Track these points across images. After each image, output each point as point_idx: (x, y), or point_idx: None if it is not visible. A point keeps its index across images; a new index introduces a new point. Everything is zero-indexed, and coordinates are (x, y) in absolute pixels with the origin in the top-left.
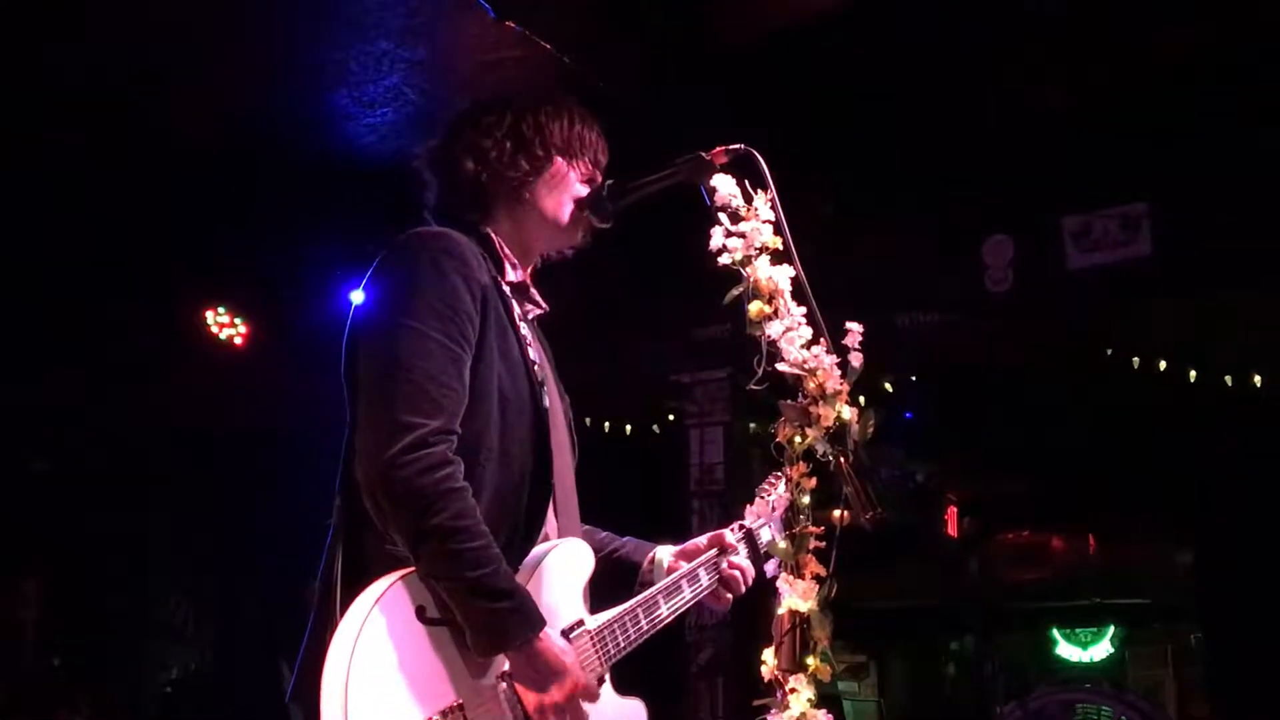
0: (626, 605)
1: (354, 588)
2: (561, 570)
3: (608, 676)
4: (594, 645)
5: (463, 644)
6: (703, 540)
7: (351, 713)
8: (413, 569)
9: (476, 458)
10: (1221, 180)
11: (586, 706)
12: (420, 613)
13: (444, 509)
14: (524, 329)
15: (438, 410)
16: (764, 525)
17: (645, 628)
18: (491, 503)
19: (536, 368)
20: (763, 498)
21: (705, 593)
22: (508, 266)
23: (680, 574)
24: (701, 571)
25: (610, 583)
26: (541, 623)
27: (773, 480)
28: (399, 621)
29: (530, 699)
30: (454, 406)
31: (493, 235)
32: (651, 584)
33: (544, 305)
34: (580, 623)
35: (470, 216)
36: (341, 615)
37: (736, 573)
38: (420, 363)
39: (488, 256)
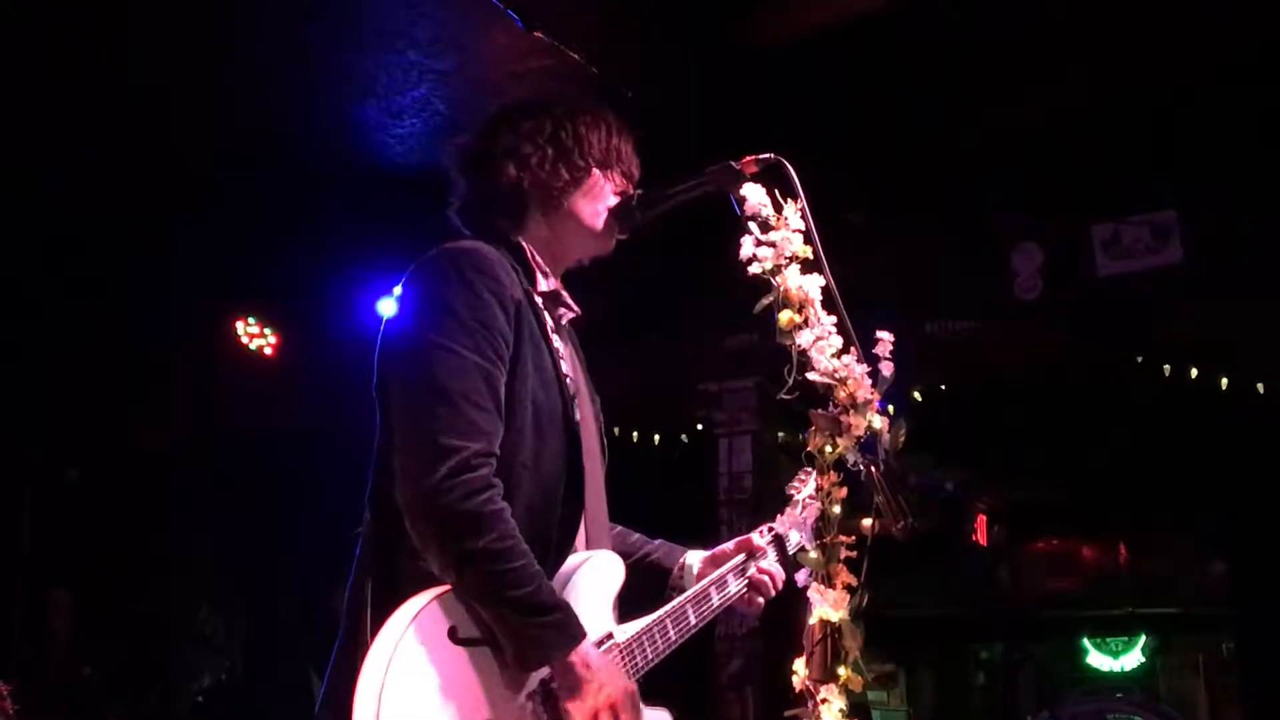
0: (655, 616)
1: (385, 606)
2: (592, 584)
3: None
4: (623, 658)
5: (492, 665)
6: (731, 545)
7: None
8: (445, 589)
9: (510, 472)
10: (1252, 187)
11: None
12: (453, 633)
13: (488, 532)
14: (556, 340)
15: (477, 432)
16: (792, 529)
17: (674, 638)
18: (525, 518)
19: (569, 380)
20: (792, 495)
21: (734, 599)
22: (539, 276)
23: (708, 581)
24: (730, 578)
25: (641, 587)
26: (583, 634)
27: (802, 478)
28: (432, 642)
29: (578, 709)
30: (491, 427)
31: (525, 245)
32: (682, 589)
33: (576, 309)
34: (609, 635)
35: (505, 223)
36: (373, 634)
37: (765, 578)
38: (456, 384)
39: (519, 267)
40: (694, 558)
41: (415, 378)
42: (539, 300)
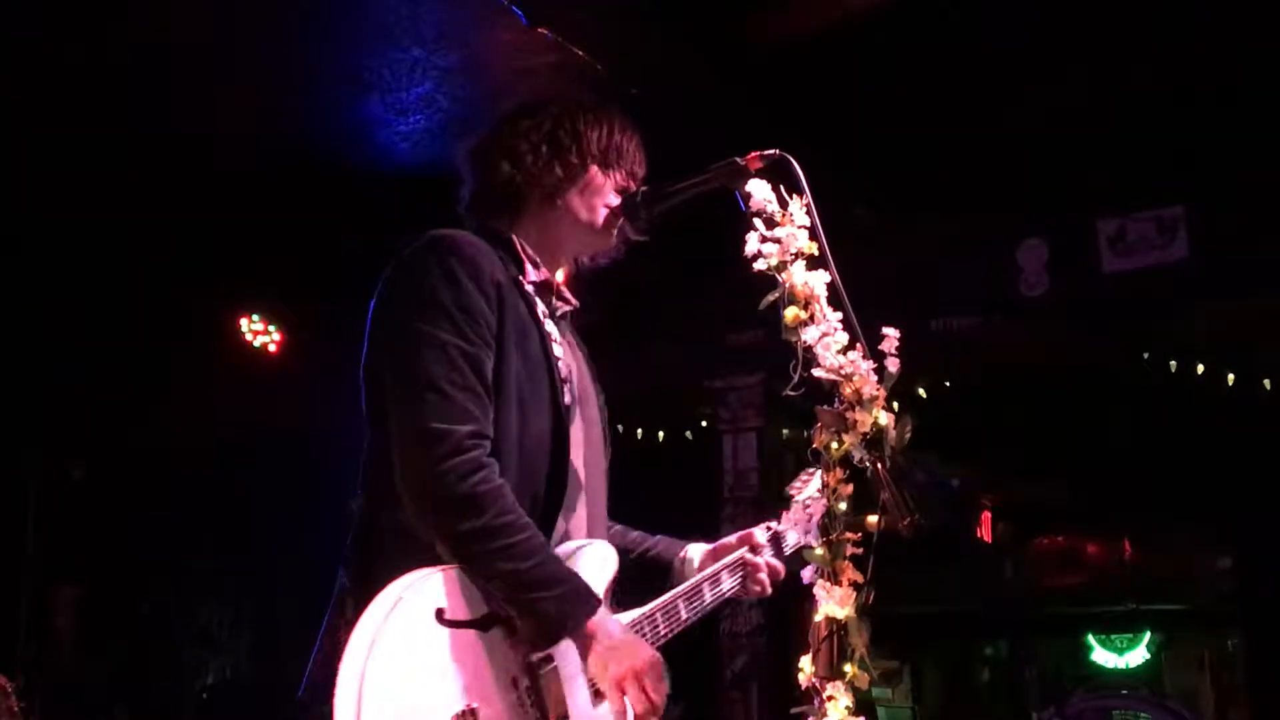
0: (647, 608)
1: (366, 588)
2: (588, 571)
3: None
4: None
5: (479, 647)
6: (734, 538)
7: (365, 714)
8: (431, 570)
9: (497, 455)
10: (1259, 183)
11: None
12: (439, 615)
13: (486, 509)
14: (550, 325)
15: (467, 416)
16: (792, 529)
17: (664, 631)
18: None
19: (560, 364)
20: (793, 495)
21: (728, 595)
22: (529, 267)
23: (703, 577)
24: (725, 574)
25: (642, 581)
26: (599, 601)
27: (804, 478)
28: (418, 624)
29: (602, 678)
30: (481, 410)
31: (514, 238)
32: (683, 581)
33: (574, 301)
34: None
35: (499, 218)
36: (355, 616)
37: (763, 574)
38: (442, 371)
39: (507, 256)
40: (695, 550)
41: (404, 368)
42: (528, 287)
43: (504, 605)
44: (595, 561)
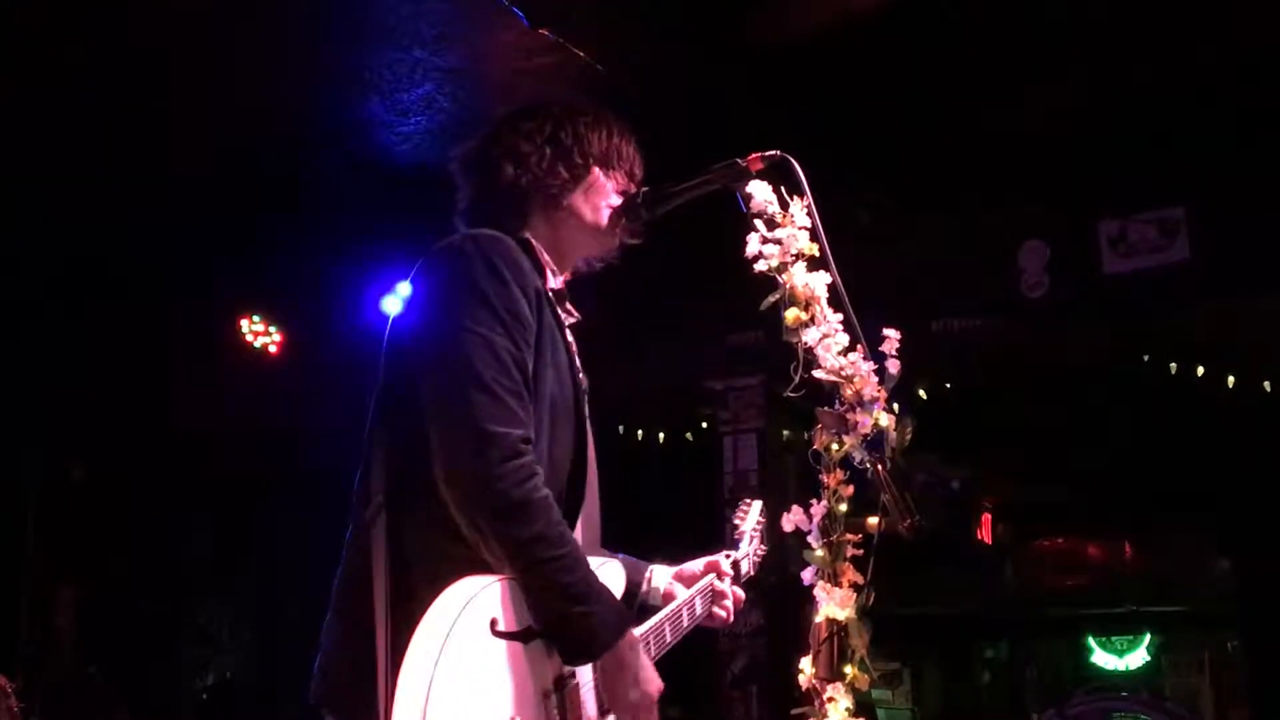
0: (640, 630)
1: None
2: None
3: None
4: None
5: (521, 660)
6: (699, 565)
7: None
8: (487, 580)
9: None
10: (1259, 185)
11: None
12: (493, 626)
13: (540, 517)
14: (570, 335)
15: (517, 419)
16: (743, 559)
17: (653, 654)
18: None
19: (581, 375)
20: (738, 526)
21: (700, 619)
22: (549, 273)
23: (680, 602)
24: (698, 600)
25: None
26: (632, 623)
27: (743, 509)
28: (478, 634)
29: (623, 700)
30: (528, 415)
31: (533, 241)
32: (648, 605)
33: (576, 314)
34: None
35: (509, 221)
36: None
37: (728, 601)
38: (492, 372)
39: (530, 261)
40: (660, 575)
41: (450, 365)
42: (550, 295)
43: (541, 617)
44: (613, 580)
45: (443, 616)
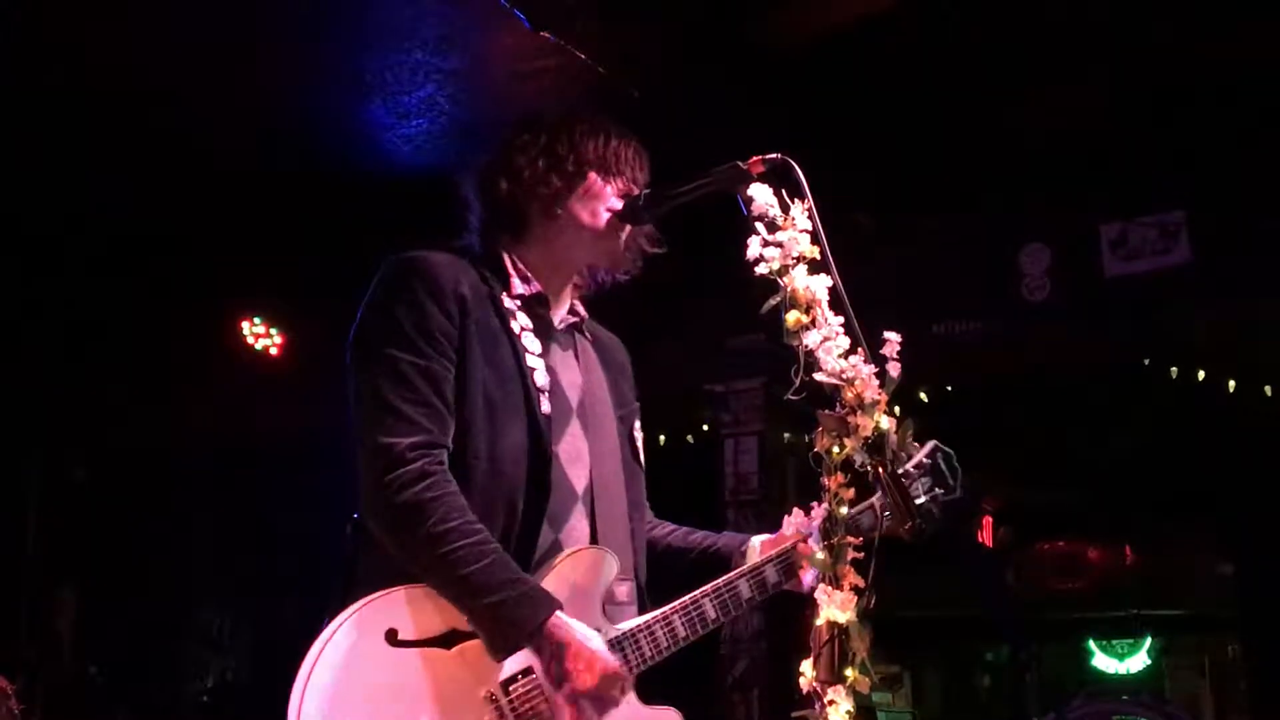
0: (658, 612)
1: (338, 609)
2: (570, 579)
3: (631, 686)
4: (613, 653)
5: (444, 667)
6: (791, 528)
7: None
8: (389, 591)
9: (463, 464)
10: (1261, 187)
11: (616, 702)
12: (391, 636)
13: (427, 519)
14: (530, 338)
15: (412, 427)
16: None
17: (684, 634)
18: (482, 508)
19: (536, 374)
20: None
21: (773, 590)
22: (515, 281)
23: (737, 573)
24: (770, 568)
25: (706, 580)
26: (555, 604)
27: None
28: (362, 647)
29: (561, 688)
30: (435, 423)
31: (504, 254)
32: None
33: (581, 314)
34: (597, 630)
35: (505, 236)
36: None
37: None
38: (390, 384)
39: (491, 273)
40: (757, 542)
41: (357, 387)
42: (510, 302)
43: (464, 617)
44: (580, 569)
45: (326, 631)
